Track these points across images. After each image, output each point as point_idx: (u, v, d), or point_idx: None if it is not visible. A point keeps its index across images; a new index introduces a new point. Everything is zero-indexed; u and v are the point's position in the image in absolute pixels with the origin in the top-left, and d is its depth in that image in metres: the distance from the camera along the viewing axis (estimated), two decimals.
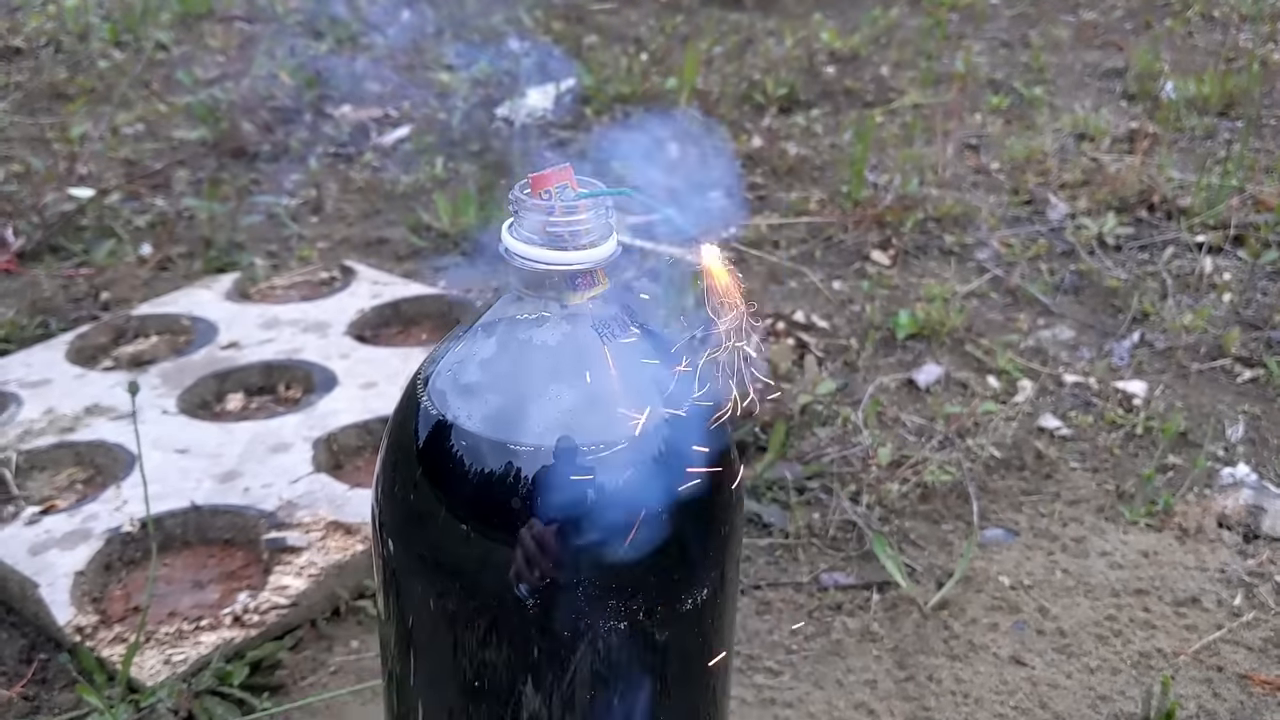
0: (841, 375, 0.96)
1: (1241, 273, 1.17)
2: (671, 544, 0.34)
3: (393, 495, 0.37)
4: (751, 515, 0.78)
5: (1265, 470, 0.85)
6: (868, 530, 0.75)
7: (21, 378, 0.87)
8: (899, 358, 1.01)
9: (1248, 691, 0.63)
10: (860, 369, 0.98)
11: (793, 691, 0.62)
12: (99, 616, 0.63)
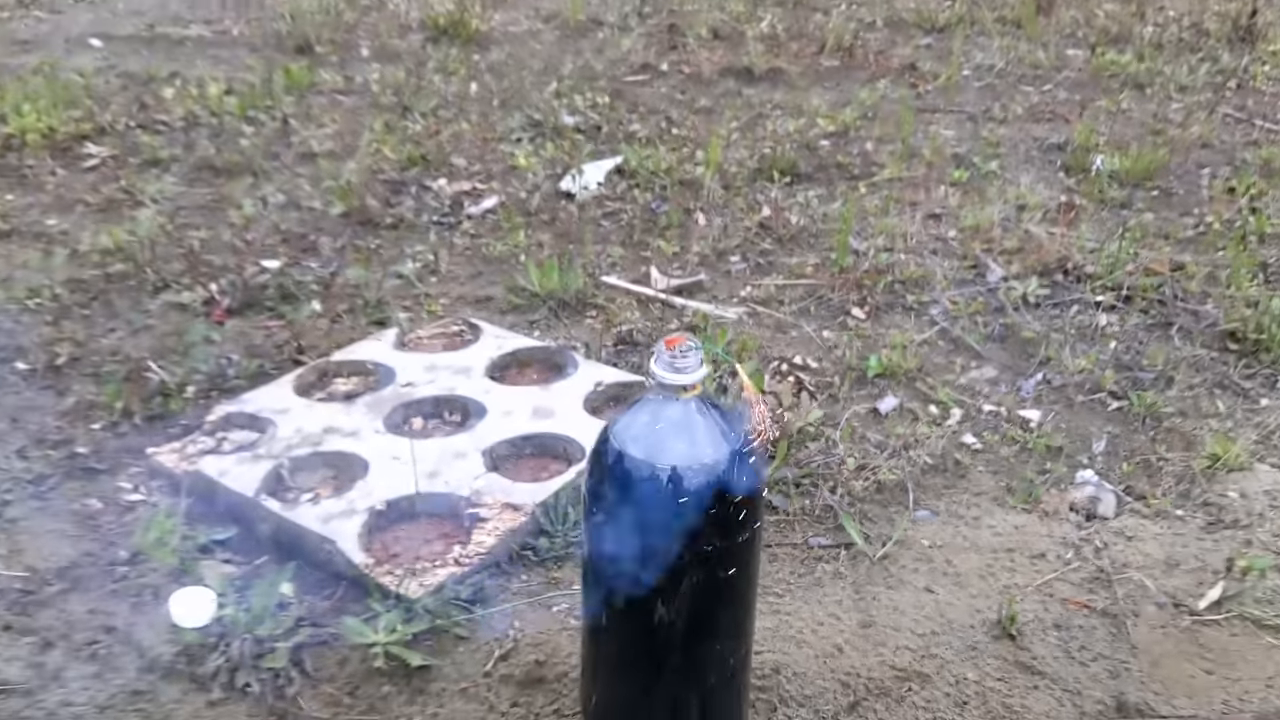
0: (826, 405, 1.37)
1: (1126, 326, 1.57)
2: (740, 508, 0.75)
3: (595, 491, 0.77)
4: (767, 501, 1.18)
5: (1108, 474, 1.25)
6: (840, 510, 1.16)
7: (268, 407, 1.27)
8: (868, 391, 1.41)
9: (1065, 608, 1.04)
10: (840, 400, 1.38)
11: (790, 606, 1.03)
12: (373, 559, 1.03)
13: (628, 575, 0.77)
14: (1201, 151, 2.15)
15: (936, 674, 0.95)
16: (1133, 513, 1.19)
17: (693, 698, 0.84)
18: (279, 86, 2.29)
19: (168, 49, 2.54)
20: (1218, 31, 2.79)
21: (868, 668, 0.96)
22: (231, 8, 2.79)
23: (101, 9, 2.82)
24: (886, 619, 1.02)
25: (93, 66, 2.42)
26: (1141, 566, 1.10)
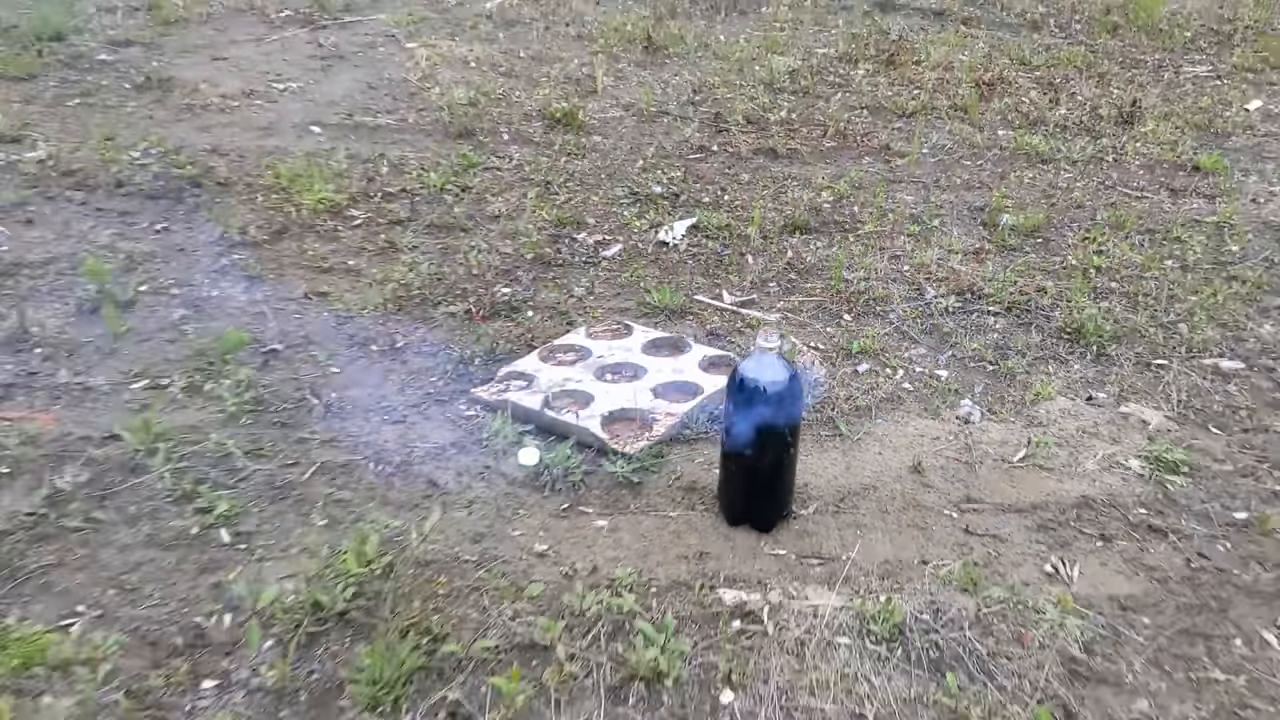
0: (827, 366, 2.43)
1: (1004, 325, 2.64)
2: (799, 404, 1.82)
3: (731, 396, 1.83)
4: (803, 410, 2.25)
5: (980, 402, 2.32)
6: (836, 419, 2.22)
7: (528, 368, 2.33)
8: (852, 361, 2.47)
9: (948, 460, 2.10)
10: (836, 364, 2.44)
11: (811, 460, 2.10)
12: (608, 436, 2.10)
13: (743, 438, 1.84)
14: (1075, 210, 3.21)
15: (882, 487, 2.02)
16: (988, 420, 2.26)
17: (769, 494, 1.91)
18: (459, 165, 3.36)
19: (368, 134, 3.61)
20: (1108, 116, 3.86)
21: (848, 485, 2.02)
22: (403, 100, 3.86)
23: (306, 101, 3.89)
24: (857, 465, 2.08)
25: (320, 149, 3.49)
26: (988, 443, 2.16)
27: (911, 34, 4.53)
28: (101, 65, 4.07)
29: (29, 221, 2.94)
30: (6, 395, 2.23)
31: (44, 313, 2.52)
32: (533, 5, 4.83)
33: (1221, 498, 2.04)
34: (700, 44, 4.39)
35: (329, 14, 4.67)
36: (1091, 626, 1.71)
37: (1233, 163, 3.52)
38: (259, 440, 2.11)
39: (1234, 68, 4.38)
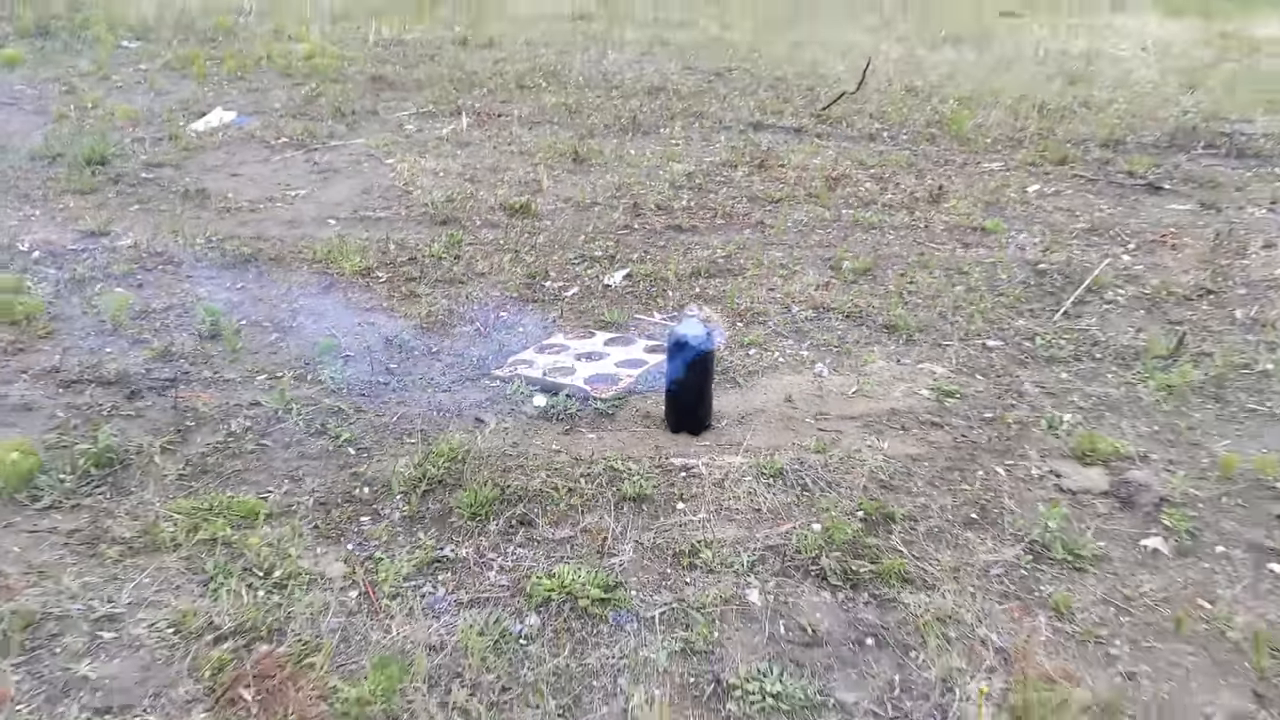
0: (728, 332, 3.59)
1: (842, 326, 3.85)
2: (712, 346, 2.98)
3: (669, 350, 2.98)
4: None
5: (827, 366, 3.51)
6: (736, 377, 3.38)
7: (528, 358, 3.44)
8: (744, 350, 3.64)
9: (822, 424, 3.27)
10: (733, 351, 3.61)
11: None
12: (593, 389, 3.21)
13: (679, 372, 2.99)
14: (895, 258, 4.50)
15: (767, 410, 3.17)
16: (833, 375, 3.43)
17: (697, 409, 3.05)
18: (449, 241, 4.49)
19: (373, 224, 4.72)
20: (922, 197, 5.21)
21: (745, 410, 3.16)
22: (393, 200, 5.00)
23: (316, 202, 5.00)
24: (750, 400, 3.23)
25: (340, 234, 4.59)
26: (833, 387, 3.33)
27: (777, 146, 5.89)
28: (145, 181, 5.13)
29: (140, 285, 3.96)
30: (172, 385, 3.24)
31: (179, 339, 3.55)
32: (480, 130, 6.07)
33: (978, 409, 3.25)
34: (616, 156, 5.67)
35: (318, 140, 5.82)
36: (893, 467, 2.88)
37: (1009, 225, 4.88)
38: (356, 404, 3.17)
39: (1020, 163, 5.83)
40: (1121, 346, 3.70)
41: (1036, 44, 8.13)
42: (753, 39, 7.95)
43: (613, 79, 6.87)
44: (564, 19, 8.87)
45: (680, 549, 2.52)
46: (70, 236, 4.38)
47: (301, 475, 2.81)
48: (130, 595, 2.31)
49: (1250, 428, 3.20)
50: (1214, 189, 5.39)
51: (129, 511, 2.61)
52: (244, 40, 7.96)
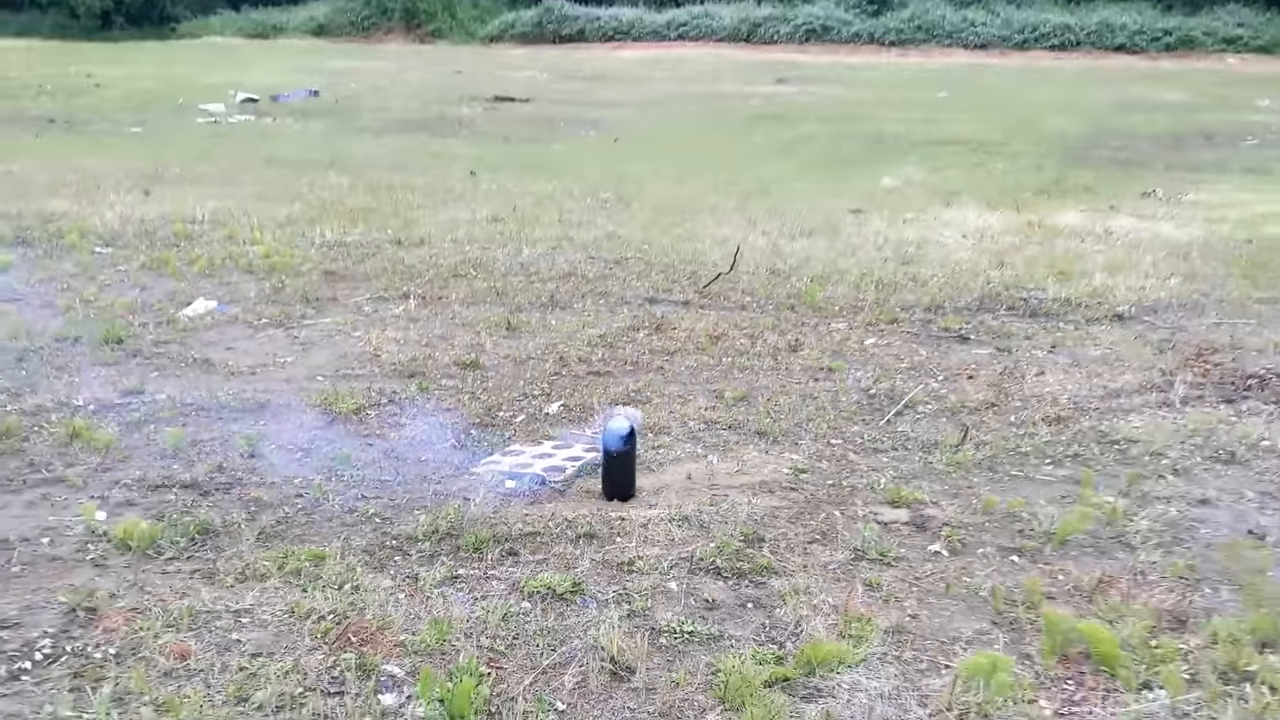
0: (640, 431, 4.89)
1: (725, 433, 5.19)
2: (632, 443, 4.29)
3: (602, 442, 4.28)
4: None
5: (713, 454, 4.83)
6: (648, 464, 4.67)
7: (497, 458, 4.67)
8: (656, 442, 4.94)
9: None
10: (648, 440, 4.91)
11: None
12: (550, 477, 4.46)
13: (609, 459, 4.27)
14: (761, 388, 5.90)
15: (671, 486, 4.45)
16: (719, 461, 4.75)
17: (624, 483, 4.31)
18: (420, 386, 5.74)
19: (355, 379, 5.94)
20: (784, 348, 6.71)
21: (655, 486, 4.45)
22: (366, 362, 6.24)
23: (304, 367, 6.21)
24: (658, 480, 4.51)
25: (331, 386, 5.80)
26: (721, 469, 4.65)
27: (669, 314, 7.37)
28: (157, 354, 6.30)
29: (185, 424, 5.10)
30: (234, 486, 4.38)
31: (228, 458, 4.69)
32: (425, 310, 7.43)
33: (823, 479, 4.59)
34: (541, 325, 7.07)
35: (293, 320, 7.10)
36: (763, 512, 4.18)
37: (850, 365, 6.36)
38: (373, 493, 4.36)
39: (860, 323, 7.39)
40: (926, 441, 5.13)
41: (877, 234, 9.95)
42: (643, 234, 9.61)
43: (530, 268, 8.36)
44: (481, 222, 10.44)
45: (620, 561, 3.75)
46: (114, 394, 5.51)
47: (347, 536, 3.97)
48: (251, 600, 3.43)
49: (1011, 486, 4.61)
50: (1009, 338, 7.01)
51: (230, 558, 3.74)
52: (204, 244, 9.27)
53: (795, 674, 3.09)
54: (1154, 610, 3.47)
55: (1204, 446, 5.01)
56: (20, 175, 13.06)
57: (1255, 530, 4.15)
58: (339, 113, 22.64)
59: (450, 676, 2.94)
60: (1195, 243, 9.93)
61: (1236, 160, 16.62)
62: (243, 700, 2.92)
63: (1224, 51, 44.72)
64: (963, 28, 47.35)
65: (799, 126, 20.62)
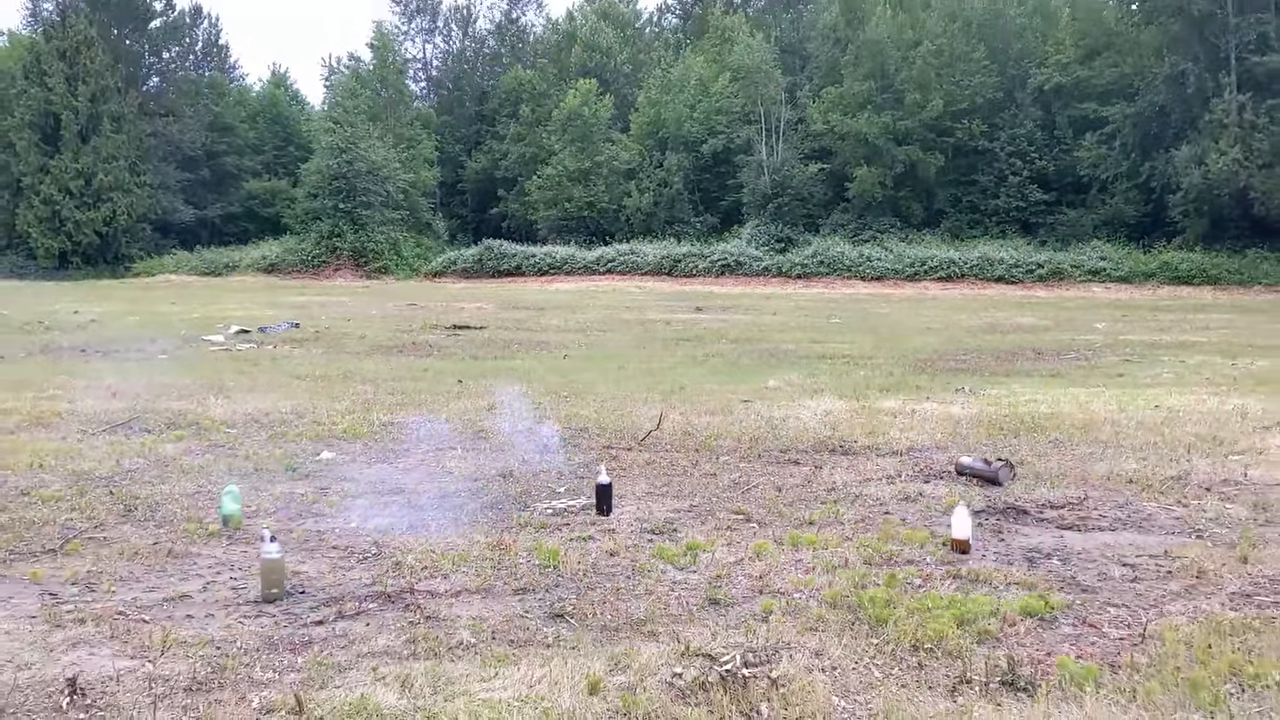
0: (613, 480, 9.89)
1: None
2: (609, 486, 9.40)
3: (597, 485, 9.34)
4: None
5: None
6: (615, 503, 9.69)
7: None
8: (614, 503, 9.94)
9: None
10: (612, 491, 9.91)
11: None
12: (564, 508, 9.47)
13: (599, 493, 9.31)
14: (679, 481, 10.93)
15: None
16: (653, 502, 9.75)
17: (606, 504, 9.36)
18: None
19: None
20: (689, 466, 11.79)
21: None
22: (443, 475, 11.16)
23: (406, 478, 11.16)
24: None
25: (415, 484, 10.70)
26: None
27: (610, 454, 12.49)
28: (318, 473, 11.24)
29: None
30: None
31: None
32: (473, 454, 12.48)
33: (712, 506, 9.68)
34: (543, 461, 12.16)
35: (385, 460, 12.11)
36: (670, 515, 9.26)
37: (727, 472, 11.48)
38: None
39: (736, 456, 12.58)
40: (765, 493, 10.25)
41: (757, 413, 15.34)
42: (597, 415, 14.82)
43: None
44: (483, 409, 15.54)
45: (610, 528, 8.79)
46: (311, 489, 10.42)
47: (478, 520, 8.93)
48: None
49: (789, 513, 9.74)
50: (822, 463, 12.24)
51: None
52: (300, 426, 14.21)
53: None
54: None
55: (905, 500, 10.20)
56: (116, 386, 17.93)
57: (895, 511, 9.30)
58: (325, 340, 27.90)
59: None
60: (967, 417, 15.42)
61: (1045, 368, 22.55)
62: None
63: (1090, 281, 53.01)
64: (860, 262, 55.28)
65: (711, 345, 26.47)
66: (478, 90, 78.93)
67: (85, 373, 20.23)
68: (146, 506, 9.55)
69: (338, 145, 62.58)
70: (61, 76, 64.36)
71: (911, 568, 7.71)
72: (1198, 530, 8.72)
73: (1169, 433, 13.31)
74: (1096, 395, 17.17)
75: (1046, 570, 7.67)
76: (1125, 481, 10.59)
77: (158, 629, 6.30)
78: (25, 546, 8.18)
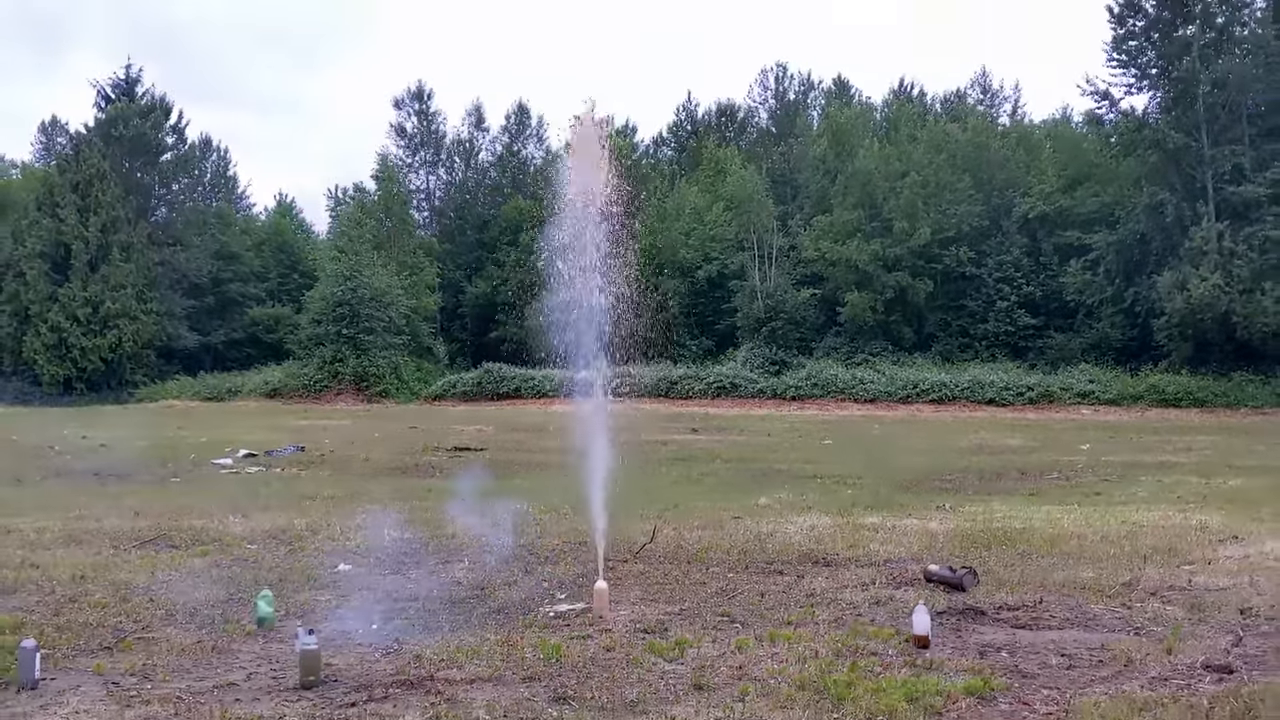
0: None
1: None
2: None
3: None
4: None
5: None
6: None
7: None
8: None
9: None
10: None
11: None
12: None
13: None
14: (670, 588, 11.97)
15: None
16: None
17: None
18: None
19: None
20: (681, 575, 12.83)
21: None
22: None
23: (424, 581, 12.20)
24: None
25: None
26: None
27: (609, 566, 13.56)
28: (335, 583, 12.29)
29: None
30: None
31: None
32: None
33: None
34: (547, 564, 13.23)
35: (398, 572, 13.18)
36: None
37: (713, 581, 12.53)
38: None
39: (724, 567, 13.62)
40: (751, 591, 11.30)
41: (746, 528, 16.42)
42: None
43: (531, 546, 14.56)
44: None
45: (606, 629, 9.85)
46: (334, 573, 11.47)
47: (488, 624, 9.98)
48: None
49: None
50: (804, 573, 13.29)
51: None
52: (317, 541, 15.28)
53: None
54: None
55: (876, 604, 11.25)
56: (136, 507, 18.99)
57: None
58: (331, 463, 29.00)
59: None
60: (944, 531, 16.50)
61: (1027, 488, 23.63)
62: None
63: (1080, 404, 54.33)
64: (853, 384, 56.68)
65: (706, 465, 27.63)
66: (479, 219, 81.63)
67: (105, 495, 21.27)
68: (185, 611, 10.58)
69: (342, 273, 64.70)
70: (74, 208, 66.73)
71: (874, 658, 8.75)
72: (1136, 628, 9.76)
73: (1129, 545, 14.37)
74: (1069, 512, 18.25)
75: (994, 660, 8.71)
76: (1079, 588, 11.62)
77: (215, 706, 7.33)
78: (84, 644, 9.22)
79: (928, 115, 75.26)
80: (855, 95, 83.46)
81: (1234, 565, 12.70)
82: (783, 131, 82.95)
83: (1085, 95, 58.91)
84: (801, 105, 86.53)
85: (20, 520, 16.80)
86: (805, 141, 74.53)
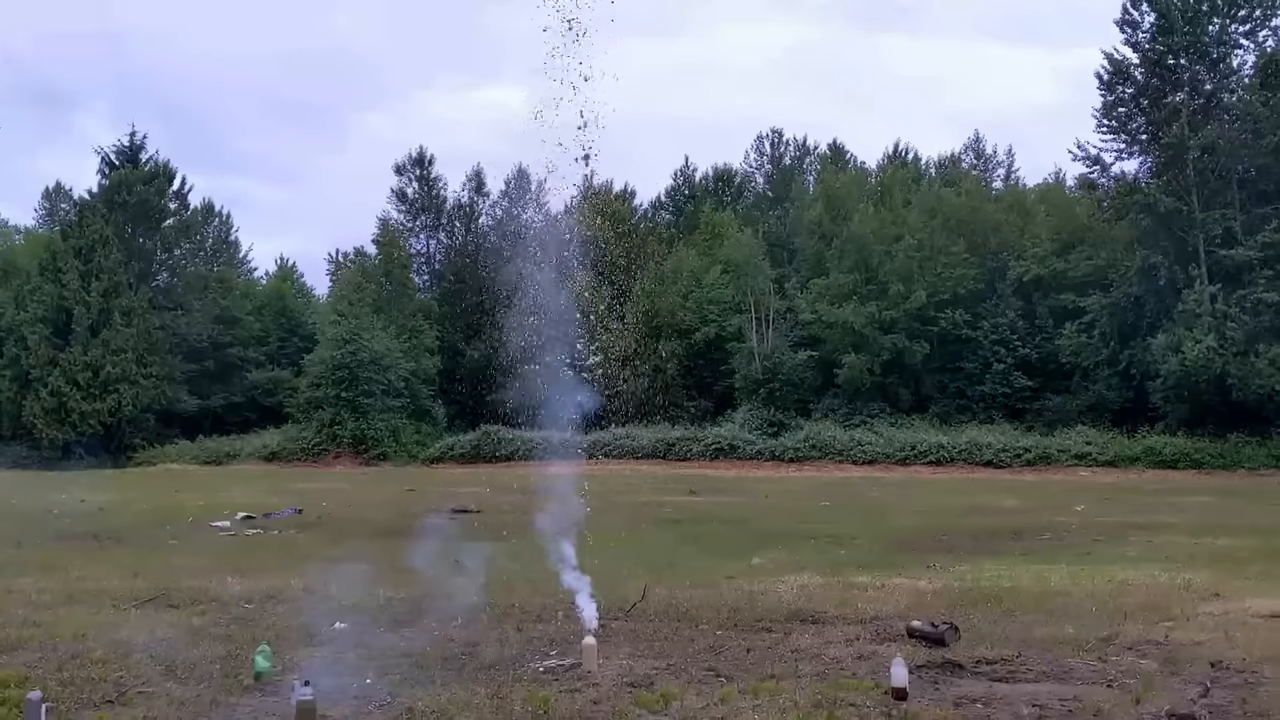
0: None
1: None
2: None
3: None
4: None
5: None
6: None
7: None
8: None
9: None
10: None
11: None
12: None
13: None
14: (661, 644, 12.27)
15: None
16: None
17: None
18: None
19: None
20: (671, 633, 13.13)
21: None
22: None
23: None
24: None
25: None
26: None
27: (606, 624, 13.87)
28: (333, 639, 12.60)
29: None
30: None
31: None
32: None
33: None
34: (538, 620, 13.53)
35: (385, 630, 13.48)
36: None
37: (699, 644, 12.82)
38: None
39: (712, 625, 13.91)
40: (738, 647, 11.61)
41: (738, 587, 16.69)
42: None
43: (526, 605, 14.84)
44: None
45: (595, 683, 10.17)
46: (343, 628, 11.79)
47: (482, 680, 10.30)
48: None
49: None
50: (792, 629, 13.60)
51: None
52: (310, 601, 15.60)
53: None
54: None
55: (859, 658, 11.56)
56: (135, 568, 19.28)
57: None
58: (329, 525, 29.27)
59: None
60: (933, 590, 16.80)
61: (1019, 548, 23.88)
62: None
63: (1077, 465, 54.55)
64: (851, 446, 56.92)
65: (703, 526, 27.92)
66: (479, 282, 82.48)
67: (104, 557, 21.54)
68: (184, 667, 10.91)
69: (342, 336, 65.24)
70: (76, 273, 67.41)
71: (853, 709, 9.09)
72: (1109, 680, 10.09)
73: (1113, 603, 14.68)
74: (1056, 571, 18.53)
75: (969, 711, 9.05)
76: (1059, 643, 11.93)
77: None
78: (87, 698, 9.57)
79: (922, 179, 76.34)
80: (850, 160, 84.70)
81: (1212, 621, 13.01)
82: (779, 195, 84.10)
83: (1077, 160, 59.93)
84: (797, 169, 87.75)
85: (22, 580, 17.12)
86: (800, 205, 75.56)
